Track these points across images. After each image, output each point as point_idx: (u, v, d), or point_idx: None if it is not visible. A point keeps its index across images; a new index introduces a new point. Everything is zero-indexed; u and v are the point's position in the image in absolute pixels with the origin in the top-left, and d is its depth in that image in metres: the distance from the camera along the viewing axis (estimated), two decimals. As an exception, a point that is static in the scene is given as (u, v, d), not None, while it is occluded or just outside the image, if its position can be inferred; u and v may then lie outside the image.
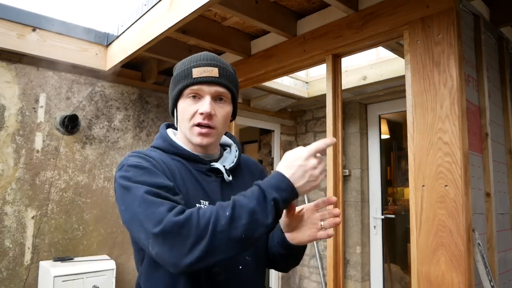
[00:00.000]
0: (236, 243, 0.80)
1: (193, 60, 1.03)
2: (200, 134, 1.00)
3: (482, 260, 1.58)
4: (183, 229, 0.78)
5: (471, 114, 1.75)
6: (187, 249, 0.78)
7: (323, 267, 3.83)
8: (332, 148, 2.14)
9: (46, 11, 2.64)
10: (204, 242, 0.78)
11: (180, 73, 1.03)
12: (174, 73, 1.06)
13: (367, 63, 3.17)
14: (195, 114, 1.00)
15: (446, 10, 1.63)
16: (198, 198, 0.98)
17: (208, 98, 0.99)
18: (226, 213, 0.80)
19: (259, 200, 0.81)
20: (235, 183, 1.07)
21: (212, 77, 1.00)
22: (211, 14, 2.42)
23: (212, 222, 0.79)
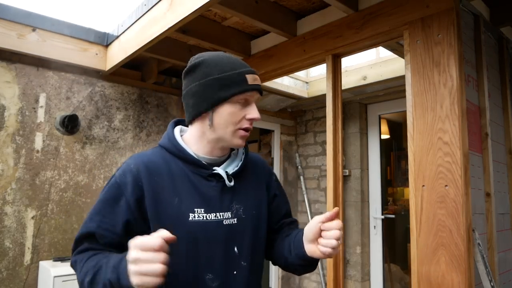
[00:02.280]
0: None
1: (240, 65, 1.03)
2: (243, 137, 1.04)
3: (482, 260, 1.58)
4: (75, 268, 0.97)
5: (471, 114, 1.75)
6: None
7: (323, 267, 3.82)
8: (332, 148, 2.14)
9: (46, 11, 2.64)
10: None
11: (230, 76, 1.00)
12: (216, 74, 1.00)
13: (367, 63, 3.17)
14: (242, 119, 1.02)
15: (446, 10, 1.63)
16: (192, 207, 0.99)
17: (254, 105, 1.04)
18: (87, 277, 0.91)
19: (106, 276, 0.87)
20: (238, 187, 1.07)
21: (259, 85, 1.04)
22: (211, 14, 2.42)
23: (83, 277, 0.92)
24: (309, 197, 4.08)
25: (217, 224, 1.00)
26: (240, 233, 1.04)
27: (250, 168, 1.14)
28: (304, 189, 4.10)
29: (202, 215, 0.99)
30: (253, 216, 1.08)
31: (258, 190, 1.13)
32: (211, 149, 1.06)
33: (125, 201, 0.97)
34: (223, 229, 1.01)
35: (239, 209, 1.05)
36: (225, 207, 1.03)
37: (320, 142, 4.05)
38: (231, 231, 1.02)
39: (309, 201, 4.07)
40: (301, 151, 4.24)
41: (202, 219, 0.99)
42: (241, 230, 1.04)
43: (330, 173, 2.14)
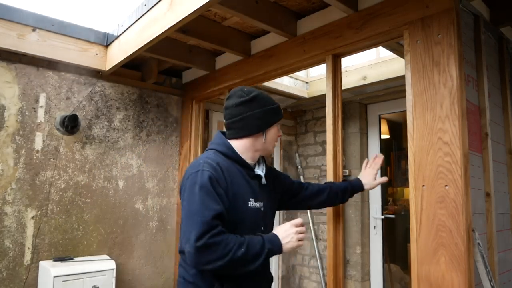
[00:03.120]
0: (241, 267, 1.31)
1: (273, 101, 1.54)
2: (273, 147, 1.59)
3: (482, 260, 1.58)
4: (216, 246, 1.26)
5: (471, 114, 1.75)
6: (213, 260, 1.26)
7: (323, 267, 3.83)
8: (332, 148, 2.14)
9: (46, 11, 2.64)
10: (224, 261, 1.26)
11: (274, 108, 1.53)
12: (267, 105, 1.51)
13: (367, 63, 3.17)
14: (277, 136, 1.58)
15: (446, 10, 1.63)
16: (248, 197, 1.45)
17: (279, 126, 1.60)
18: (242, 249, 1.28)
19: (261, 247, 1.33)
20: (266, 185, 1.58)
21: None
22: (211, 14, 2.42)
23: (232, 251, 1.27)
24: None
25: (258, 209, 1.48)
26: (265, 216, 1.53)
27: (270, 172, 1.65)
28: (304, 189, 4.10)
29: (253, 203, 1.46)
30: (270, 206, 1.58)
31: (272, 189, 1.63)
32: (253, 157, 1.54)
33: (221, 190, 1.35)
34: (260, 213, 1.50)
35: (263, 200, 1.52)
36: (260, 198, 1.50)
37: (320, 142, 4.05)
38: (262, 215, 1.51)
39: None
40: (301, 151, 4.24)
41: (253, 206, 1.46)
42: (265, 214, 1.53)
43: (330, 173, 2.14)
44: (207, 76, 3.16)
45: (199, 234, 1.23)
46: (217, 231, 1.26)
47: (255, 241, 1.32)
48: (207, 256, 1.24)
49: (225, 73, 2.96)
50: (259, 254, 1.31)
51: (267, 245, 1.33)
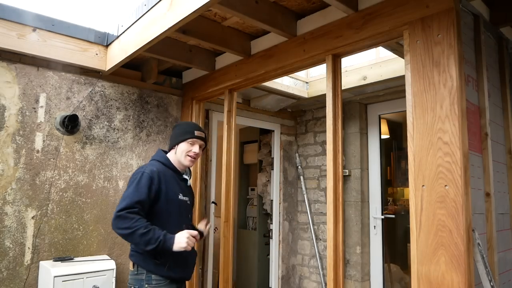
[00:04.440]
0: (138, 243, 1.82)
1: (194, 127, 2.12)
2: (190, 161, 2.09)
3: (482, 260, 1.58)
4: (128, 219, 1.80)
5: (471, 114, 1.75)
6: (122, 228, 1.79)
7: (323, 267, 3.83)
8: (332, 148, 2.14)
9: (46, 11, 2.64)
10: (128, 230, 1.77)
11: (187, 130, 2.10)
12: (180, 129, 2.14)
13: (367, 63, 3.17)
14: (190, 151, 2.07)
15: (446, 10, 1.63)
16: (178, 193, 2.03)
17: (198, 146, 2.09)
18: (144, 231, 1.78)
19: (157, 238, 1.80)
20: (190, 187, 2.20)
21: (202, 137, 2.12)
22: (211, 14, 2.42)
23: (136, 228, 1.77)
24: (309, 197, 4.08)
25: (185, 202, 2.07)
26: (190, 208, 2.15)
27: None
28: (304, 189, 4.10)
29: (182, 197, 2.04)
30: (192, 202, 2.19)
31: (191, 190, 2.25)
32: (179, 166, 2.11)
33: (154, 187, 1.91)
34: (186, 205, 2.09)
35: (189, 197, 2.13)
36: (186, 194, 2.09)
37: (320, 142, 4.05)
38: (188, 206, 2.11)
39: (309, 201, 4.07)
40: (301, 151, 4.24)
41: (182, 199, 2.04)
42: (190, 206, 2.15)
43: (330, 173, 2.14)
44: (207, 76, 3.16)
45: (122, 207, 1.79)
46: (135, 210, 1.80)
47: (157, 231, 1.80)
48: (119, 223, 1.77)
49: (225, 73, 2.96)
50: (153, 240, 1.77)
51: (162, 238, 1.79)
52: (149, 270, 1.90)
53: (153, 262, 1.89)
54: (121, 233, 1.79)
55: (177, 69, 3.36)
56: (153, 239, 1.78)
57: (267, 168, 4.33)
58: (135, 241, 1.80)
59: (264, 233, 4.35)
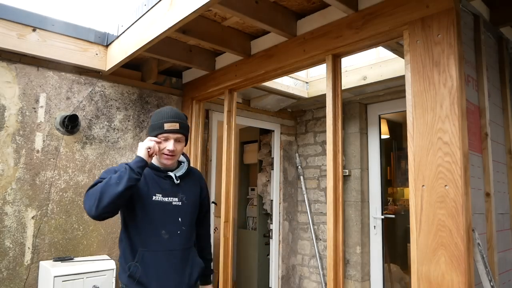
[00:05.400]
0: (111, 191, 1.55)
1: (165, 117, 1.76)
2: (166, 159, 1.79)
3: (482, 260, 1.58)
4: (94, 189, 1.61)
5: (471, 114, 1.75)
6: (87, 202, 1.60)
7: (323, 267, 3.83)
8: (332, 148, 2.14)
9: (46, 11, 2.64)
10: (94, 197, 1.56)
11: (156, 124, 1.76)
12: (152, 121, 1.80)
13: (367, 63, 3.17)
14: (164, 149, 1.76)
15: (446, 10, 1.63)
16: (155, 191, 1.76)
17: (172, 141, 1.76)
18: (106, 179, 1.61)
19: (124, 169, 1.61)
20: (183, 184, 1.86)
21: (175, 129, 1.76)
22: (211, 14, 2.42)
23: (101, 185, 1.59)
24: (309, 197, 4.08)
25: (168, 203, 1.79)
26: (182, 210, 1.82)
27: (192, 176, 1.94)
28: (304, 189, 4.10)
29: (160, 198, 1.77)
30: (190, 202, 1.86)
31: (194, 189, 1.93)
32: (160, 161, 1.82)
33: None
34: (171, 207, 1.79)
35: (183, 197, 1.83)
36: (174, 195, 1.81)
37: (320, 142, 4.05)
38: (176, 208, 1.80)
39: (309, 201, 4.07)
40: (301, 151, 4.24)
41: (160, 200, 1.77)
42: (183, 209, 1.82)
43: (330, 173, 2.14)
44: (207, 76, 3.16)
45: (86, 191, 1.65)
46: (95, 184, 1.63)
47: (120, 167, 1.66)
48: (85, 201, 1.61)
49: (225, 73, 2.96)
50: (121, 172, 1.59)
51: (126, 165, 1.61)
52: (123, 283, 1.74)
53: (126, 274, 1.71)
54: (90, 205, 1.56)
55: (177, 69, 3.36)
56: (118, 176, 1.58)
57: (267, 168, 4.33)
58: (106, 199, 1.54)
59: (264, 233, 4.35)
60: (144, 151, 1.66)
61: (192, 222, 1.88)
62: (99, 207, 1.53)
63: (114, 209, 1.60)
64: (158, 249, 1.73)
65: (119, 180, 1.55)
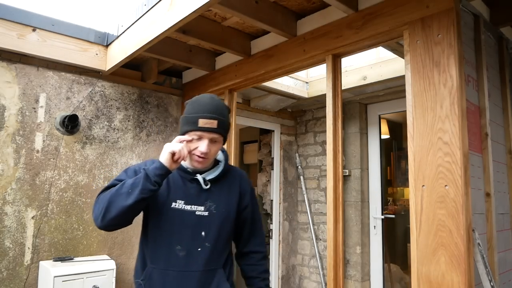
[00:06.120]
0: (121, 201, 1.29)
1: (201, 110, 1.40)
2: (197, 161, 1.43)
3: (482, 260, 1.58)
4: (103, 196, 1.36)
5: (471, 114, 1.75)
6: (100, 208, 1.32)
7: (323, 267, 3.82)
8: (332, 148, 2.14)
9: (46, 11, 2.64)
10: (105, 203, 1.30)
11: (190, 117, 1.41)
12: (186, 113, 1.44)
13: (367, 63, 3.16)
14: (196, 149, 1.41)
15: (446, 10, 1.63)
16: (176, 198, 1.43)
17: (206, 141, 1.40)
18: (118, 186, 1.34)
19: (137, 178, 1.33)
20: (214, 189, 1.49)
21: (212, 128, 1.39)
22: (211, 14, 2.42)
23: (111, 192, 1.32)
24: (309, 197, 4.08)
25: (190, 213, 1.43)
26: (208, 223, 1.45)
27: (230, 178, 1.55)
28: (304, 189, 4.10)
29: (182, 205, 1.43)
30: (222, 213, 1.48)
31: (231, 196, 1.53)
32: (191, 162, 1.47)
33: None
34: (194, 217, 1.43)
35: (211, 205, 1.46)
36: (199, 202, 1.45)
37: (320, 142, 4.05)
38: (201, 220, 1.44)
39: (309, 201, 4.07)
40: (301, 151, 4.24)
41: (180, 208, 1.43)
42: (209, 220, 1.45)
43: (330, 173, 2.14)
44: (207, 76, 3.16)
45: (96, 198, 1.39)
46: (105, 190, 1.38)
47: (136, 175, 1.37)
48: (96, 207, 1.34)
49: (225, 73, 2.96)
50: (136, 178, 1.31)
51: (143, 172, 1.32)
52: None
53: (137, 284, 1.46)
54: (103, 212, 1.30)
55: (177, 69, 3.36)
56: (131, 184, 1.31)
57: (267, 168, 4.33)
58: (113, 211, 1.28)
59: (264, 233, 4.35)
60: (167, 156, 1.33)
61: (222, 238, 1.48)
62: (105, 219, 1.29)
63: (123, 222, 1.34)
64: (170, 268, 1.40)
65: (131, 189, 1.29)
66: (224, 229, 1.49)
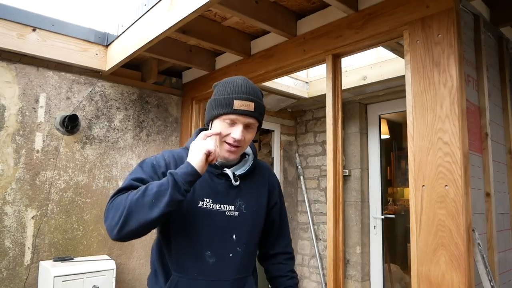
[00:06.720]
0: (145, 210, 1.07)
1: (235, 91, 1.21)
2: (229, 151, 1.23)
3: (482, 260, 1.58)
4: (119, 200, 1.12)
5: (471, 114, 1.75)
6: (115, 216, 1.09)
7: (323, 267, 3.82)
8: (332, 148, 2.14)
9: (46, 11, 2.64)
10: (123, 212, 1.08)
11: (223, 98, 1.21)
12: (216, 95, 1.24)
13: (367, 63, 3.17)
14: (228, 136, 1.21)
15: (446, 10, 1.63)
16: (203, 196, 1.23)
17: (241, 127, 1.21)
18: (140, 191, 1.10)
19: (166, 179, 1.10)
20: (243, 186, 1.30)
21: (249, 111, 1.20)
22: (211, 14, 2.42)
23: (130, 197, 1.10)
24: (309, 197, 4.08)
25: (220, 213, 1.24)
26: (240, 224, 1.26)
27: (258, 174, 1.37)
28: (304, 189, 4.10)
29: (210, 204, 1.23)
30: (253, 213, 1.30)
31: (260, 193, 1.35)
32: (220, 154, 1.24)
33: (157, 177, 1.19)
34: (224, 218, 1.24)
35: (241, 204, 1.28)
36: (229, 201, 1.26)
37: (320, 142, 4.05)
38: (231, 221, 1.25)
39: (309, 201, 4.07)
40: (301, 151, 4.24)
41: (208, 207, 1.22)
42: (240, 221, 1.26)
43: (330, 173, 2.14)
44: (207, 76, 3.16)
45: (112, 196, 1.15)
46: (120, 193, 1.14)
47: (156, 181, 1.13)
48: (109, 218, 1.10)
49: (225, 73, 2.96)
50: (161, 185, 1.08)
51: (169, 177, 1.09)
52: None
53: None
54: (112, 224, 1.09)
55: (177, 69, 3.36)
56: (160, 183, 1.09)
57: (267, 168, 4.33)
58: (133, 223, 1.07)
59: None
60: (201, 158, 1.11)
61: (253, 242, 1.31)
62: (122, 231, 1.08)
63: (142, 235, 1.14)
64: (200, 277, 1.21)
65: (155, 199, 1.07)
66: (255, 232, 1.31)
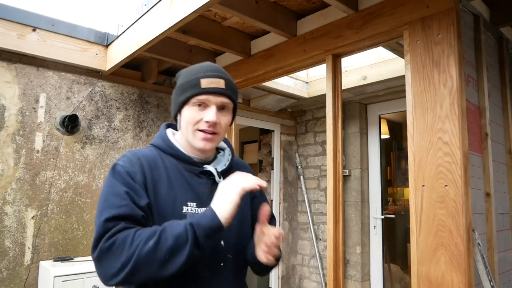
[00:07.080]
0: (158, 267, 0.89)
1: (201, 71, 1.07)
2: (204, 139, 1.07)
3: (482, 260, 1.58)
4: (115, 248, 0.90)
5: (471, 114, 1.75)
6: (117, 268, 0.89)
7: (323, 267, 3.82)
8: (332, 148, 2.14)
9: (46, 11, 2.64)
10: (129, 267, 0.88)
11: (188, 81, 1.07)
12: (180, 81, 1.10)
13: (367, 63, 3.17)
14: (200, 121, 1.06)
15: (446, 10, 1.63)
16: (186, 200, 1.04)
17: (214, 108, 1.06)
18: (152, 240, 0.89)
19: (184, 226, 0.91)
20: None
21: (220, 88, 1.06)
22: (211, 14, 2.42)
23: (139, 247, 0.89)
24: (309, 197, 4.08)
25: None
26: (226, 228, 0.98)
27: (235, 169, 1.13)
28: (304, 189, 4.10)
29: (194, 208, 1.04)
30: (238, 213, 1.02)
31: None
32: (192, 150, 1.11)
33: (139, 186, 1.00)
34: None
35: None
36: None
37: (320, 142, 4.05)
38: None
39: (309, 201, 4.07)
40: (301, 151, 4.24)
41: (194, 213, 1.03)
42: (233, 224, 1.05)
43: (330, 173, 2.14)
44: (207, 76, 3.15)
45: (94, 240, 0.92)
46: (117, 229, 0.91)
47: (174, 224, 0.93)
48: (107, 265, 0.89)
49: (225, 73, 2.96)
50: (179, 236, 0.89)
51: (189, 227, 0.90)
52: None
53: None
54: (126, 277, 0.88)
55: (177, 69, 3.36)
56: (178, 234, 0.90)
57: (267, 168, 4.33)
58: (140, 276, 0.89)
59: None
60: (231, 209, 0.95)
61: (243, 245, 1.15)
62: (124, 282, 0.90)
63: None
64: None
65: (170, 255, 0.89)
66: (243, 234, 1.15)
